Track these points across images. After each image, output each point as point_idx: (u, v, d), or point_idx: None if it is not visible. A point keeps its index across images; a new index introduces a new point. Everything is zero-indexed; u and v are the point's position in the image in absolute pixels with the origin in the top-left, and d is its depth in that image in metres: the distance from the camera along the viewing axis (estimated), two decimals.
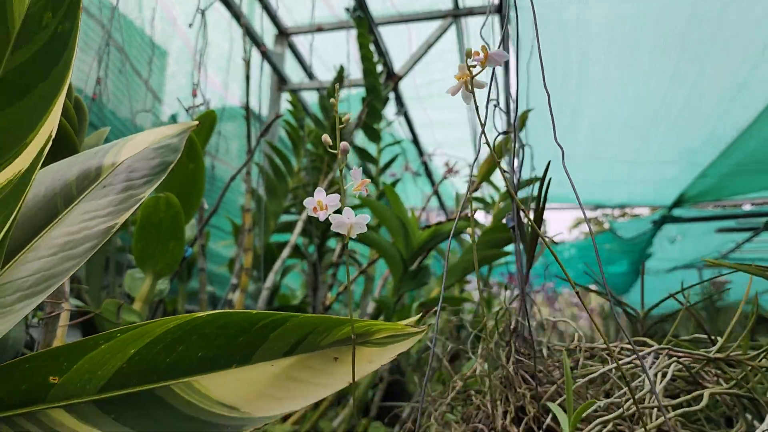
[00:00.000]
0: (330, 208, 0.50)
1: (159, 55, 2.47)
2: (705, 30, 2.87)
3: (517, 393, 0.73)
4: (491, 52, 0.47)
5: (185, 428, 0.50)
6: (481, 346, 0.82)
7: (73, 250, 0.54)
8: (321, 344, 0.56)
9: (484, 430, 0.73)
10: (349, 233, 0.50)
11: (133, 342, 0.48)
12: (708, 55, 3.01)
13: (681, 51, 2.98)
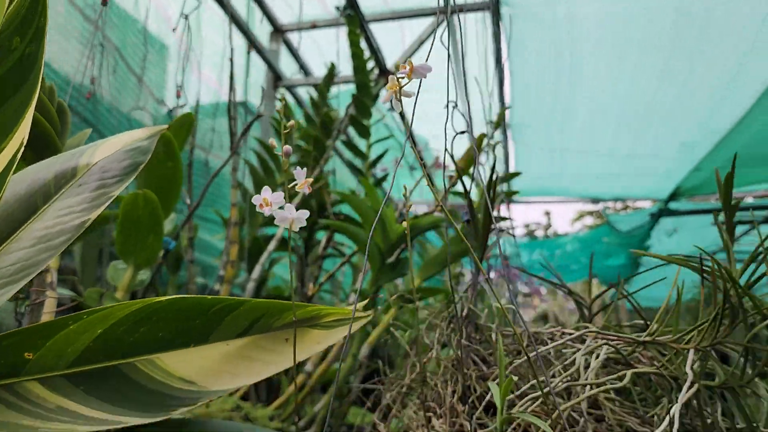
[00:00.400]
0: (275, 204, 0.56)
1: (160, 50, 2.53)
2: (693, 27, 2.92)
3: (465, 374, 0.79)
4: (416, 65, 0.53)
5: (148, 400, 0.56)
6: (437, 332, 0.89)
7: (50, 242, 0.60)
8: (273, 326, 0.62)
9: (435, 408, 0.79)
10: (292, 226, 0.56)
11: (99, 323, 0.55)
12: (697, 51, 3.06)
13: (670, 48, 3.03)
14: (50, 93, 0.76)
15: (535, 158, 4.44)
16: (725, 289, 0.70)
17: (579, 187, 5.05)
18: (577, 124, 3.92)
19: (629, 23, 2.92)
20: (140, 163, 0.67)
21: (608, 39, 3.06)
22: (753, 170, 4.57)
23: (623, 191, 5.13)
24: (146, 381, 0.56)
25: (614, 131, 3.99)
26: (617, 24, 2.93)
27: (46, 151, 0.75)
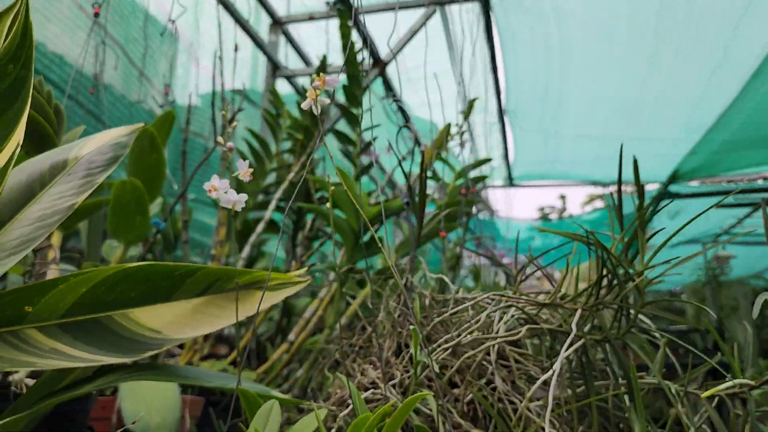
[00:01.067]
0: (221, 190, 0.70)
1: (170, 40, 2.67)
2: (678, 13, 3.01)
3: (400, 333, 0.93)
4: (327, 77, 0.67)
5: (123, 344, 0.71)
6: (383, 300, 1.03)
7: (45, 221, 0.75)
8: (226, 288, 0.77)
9: (375, 361, 0.94)
10: (234, 207, 0.70)
11: (83, 284, 0.69)
12: (682, 39, 3.15)
13: (655, 37, 3.12)
14: (48, 97, 0.91)
15: (532, 143, 4.55)
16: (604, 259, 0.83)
17: (578, 170, 5.14)
18: (570, 110, 4.02)
19: (614, 12, 3.01)
20: (120, 156, 0.82)
21: (594, 29, 3.16)
22: (748, 153, 4.64)
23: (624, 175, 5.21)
24: (121, 330, 0.71)
25: (606, 116, 4.09)
26: (602, 14, 3.02)
27: (45, 146, 0.89)
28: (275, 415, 0.65)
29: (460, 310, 0.88)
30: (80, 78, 1.85)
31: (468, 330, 0.83)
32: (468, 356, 0.79)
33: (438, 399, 0.77)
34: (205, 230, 2.30)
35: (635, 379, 0.74)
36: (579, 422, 0.83)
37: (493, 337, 0.81)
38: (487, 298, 0.91)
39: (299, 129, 2.12)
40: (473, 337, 0.81)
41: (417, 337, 0.76)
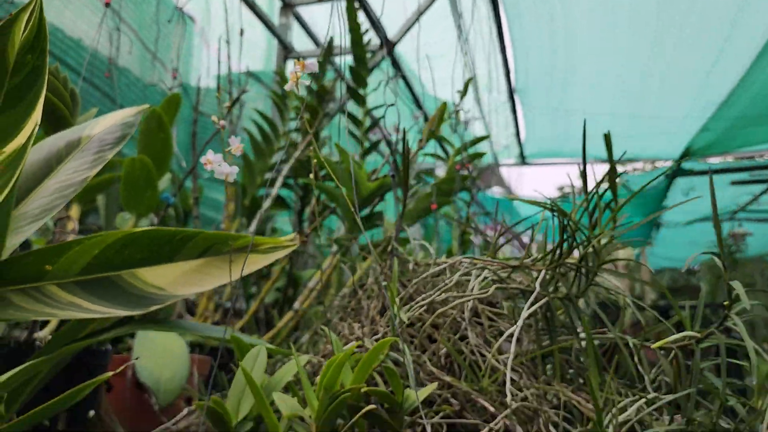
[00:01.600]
0: (215, 163, 0.79)
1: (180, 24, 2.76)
2: None
3: (384, 295, 1.02)
4: (306, 62, 0.76)
5: (131, 299, 0.81)
6: (372, 266, 1.12)
7: (62, 192, 0.85)
8: (222, 251, 0.86)
9: (362, 319, 1.03)
10: (227, 178, 0.79)
11: (95, 246, 0.79)
12: (689, 12, 3.17)
13: (658, 12, 3.14)
14: (64, 82, 1.00)
15: (542, 121, 4.59)
16: (564, 225, 0.91)
17: (589, 148, 5.16)
18: (578, 88, 4.05)
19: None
20: (128, 134, 0.91)
21: (599, 8, 3.19)
22: (761, 129, 4.64)
23: (634, 152, 5.23)
24: (129, 287, 0.81)
25: (614, 94, 4.12)
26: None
27: (61, 127, 0.99)
28: (262, 358, 0.75)
29: (438, 272, 0.97)
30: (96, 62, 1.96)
31: (443, 289, 0.91)
32: (441, 312, 0.88)
33: (408, 345, 0.86)
34: (217, 207, 2.41)
35: (587, 329, 0.82)
36: (543, 371, 0.91)
37: (465, 295, 0.89)
38: (464, 262, 1.00)
39: (307, 109, 2.21)
40: (447, 296, 0.90)
41: (394, 292, 0.85)
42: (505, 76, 4.03)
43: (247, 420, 0.69)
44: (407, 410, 0.72)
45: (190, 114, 2.20)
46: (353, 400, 0.70)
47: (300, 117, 2.22)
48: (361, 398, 0.72)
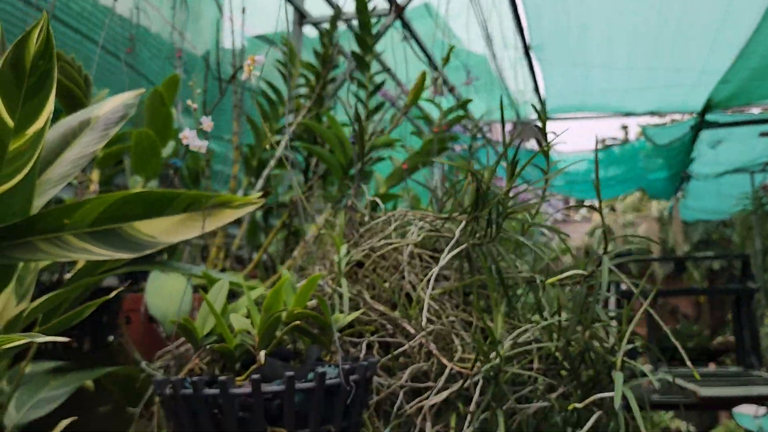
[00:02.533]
0: (190, 138, 1.01)
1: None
2: None
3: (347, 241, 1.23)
4: (256, 57, 0.96)
5: (129, 245, 1.04)
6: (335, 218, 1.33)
7: (76, 163, 1.08)
8: (202, 206, 1.08)
9: (326, 263, 1.25)
10: (200, 150, 1.01)
11: (102, 203, 1.02)
12: None
13: None
14: (78, 70, 1.22)
15: (560, 77, 4.67)
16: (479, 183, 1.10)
17: (611, 102, 5.23)
18: (593, 42, 4.12)
19: None
20: (129, 114, 1.13)
21: None
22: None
23: (655, 105, 5.27)
24: (128, 236, 1.04)
25: (629, 47, 4.17)
26: None
27: (77, 107, 1.21)
28: (224, 289, 0.97)
29: (380, 223, 1.18)
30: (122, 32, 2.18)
31: (383, 236, 1.12)
32: (380, 254, 1.09)
33: (357, 282, 1.08)
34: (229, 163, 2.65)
35: (488, 270, 1.02)
36: (464, 303, 1.12)
37: (399, 241, 1.10)
38: (407, 214, 1.20)
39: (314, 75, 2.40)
40: (386, 242, 1.10)
41: (340, 240, 1.06)
42: (518, 33, 4.12)
43: (211, 335, 0.92)
44: (336, 329, 0.94)
45: (211, 81, 2.43)
46: (293, 320, 0.92)
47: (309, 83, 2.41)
48: (301, 319, 0.94)
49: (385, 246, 1.12)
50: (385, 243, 1.10)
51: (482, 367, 0.92)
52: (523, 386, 1.03)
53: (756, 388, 3.76)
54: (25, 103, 0.88)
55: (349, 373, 0.83)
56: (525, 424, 1.01)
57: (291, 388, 0.77)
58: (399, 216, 1.19)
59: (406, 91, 2.98)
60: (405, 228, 1.20)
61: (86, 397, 1.39)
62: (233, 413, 0.77)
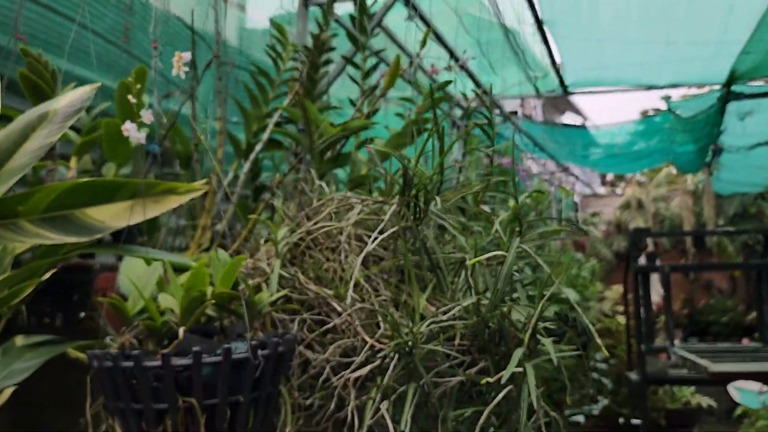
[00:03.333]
0: (131, 130, 1.08)
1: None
2: None
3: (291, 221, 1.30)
4: (183, 54, 1.02)
5: (80, 230, 1.12)
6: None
7: (34, 153, 1.17)
8: (148, 193, 1.16)
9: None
10: (139, 141, 1.08)
11: (53, 192, 1.11)
12: None
13: None
14: (45, 65, 1.31)
15: (576, 51, 4.61)
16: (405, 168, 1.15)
17: (630, 76, 5.14)
18: (605, 16, 4.06)
19: None
20: (84, 107, 1.21)
21: None
22: None
23: (675, 78, 5.16)
24: (79, 222, 1.12)
25: (642, 20, 4.10)
26: None
27: (44, 100, 1.30)
28: (159, 270, 1.05)
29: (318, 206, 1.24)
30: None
31: (319, 218, 1.18)
32: (315, 236, 1.16)
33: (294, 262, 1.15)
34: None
35: (405, 249, 1.08)
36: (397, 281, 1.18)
37: (334, 225, 1.16)
38: (350, 198, 1.26)
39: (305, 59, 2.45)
40: (321, 225, 1.17)
41: (278, 228, 1.13)
42: (530, 8, 4.08)
43: (143, 312, 1.00)
44: (261, 307, 1.01)
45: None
46: (217, 299, 1.00)
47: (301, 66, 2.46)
48: (226, 298, 1.01)
49: (320, 229, 1.18)
50: (321, 226, 1.17)
51: (395, 343, 0.99)
52: (447, 361, 1.09)
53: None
54: None
55: (260, 347, 0.90)
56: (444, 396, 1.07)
57: (198, 361, 0.85)
58: (340, 200, 1.25)
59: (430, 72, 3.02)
60: (349, 211, 1.26)
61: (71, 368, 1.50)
62: (147, 384, 0.85)
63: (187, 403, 0.86)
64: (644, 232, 4.93)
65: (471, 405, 1.08)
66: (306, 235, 1.20)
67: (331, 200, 1.30)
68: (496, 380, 1.00)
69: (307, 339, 1.10)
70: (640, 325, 4.49)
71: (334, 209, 1.27)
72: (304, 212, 1.25)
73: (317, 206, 1.30)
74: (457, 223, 1.19)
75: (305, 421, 1.09)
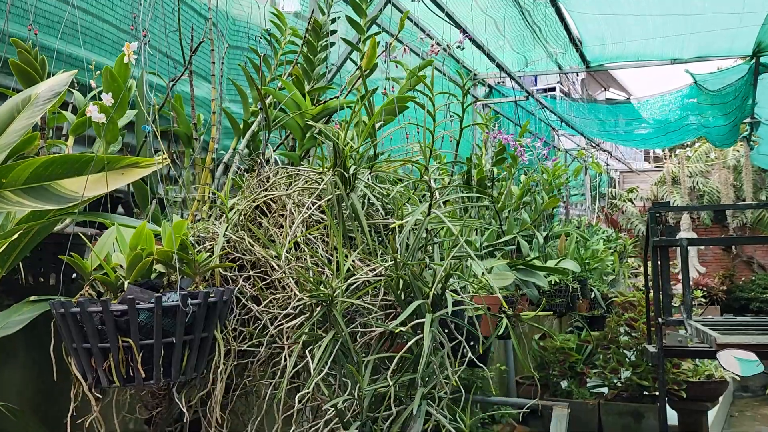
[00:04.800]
0: (93, 111, 1.24)
1: None
2: None
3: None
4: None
5: (55, 199, 1.29)
6: None
7: (18, 132, 1.34)
8: (116, 167, 1.32)
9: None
10: (101, 121, 1.24)
11: (31, 165, 1.27)
12: None
13: None
14: (35, 55, 1.48)
15: (593, 28, 4.59)
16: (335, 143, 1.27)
17: (651, 50, 5.09)
18: None
19: None
20: (61, 92, 1.38)
21: None
22: None
23: (700, 51, 5.09)
24: (55, 192, 1.29)
25: None
26: None
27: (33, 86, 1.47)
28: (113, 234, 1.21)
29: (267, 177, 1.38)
30: None
31: (266, 187, 1.32)
32: (260, 202, 1.30)
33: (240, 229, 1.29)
34: None
35: (340, 213, 1.21)
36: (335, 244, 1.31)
37: (275, 193, 1.30)
38: (297, 169, 1.40)
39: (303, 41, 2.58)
40: (265, 194, 1.31)
41: (223, 197, 1.27)
42: None
43: (101, 269, 1.16)
44: (203, 265, 1.16)
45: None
46: (164, 257, 1.15)
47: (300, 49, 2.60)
48: (170, 256, 1.16)
49: (266, 197, 1.32)
50: (265, 195, 1.31)
51: (311, 295, 1.12)
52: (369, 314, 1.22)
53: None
54: None
55: (191, 297, 1.05)
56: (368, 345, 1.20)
57: (132, 306, 1.00)
58: (290, 172, 1.39)
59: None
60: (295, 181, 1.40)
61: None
62: (92, 326, 1.01)
63: (126, 343, 1.02)
64: (663, 205, 4.90)
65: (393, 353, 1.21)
66: (254, 203, 1.34)
67: (285, 173, 1.44)
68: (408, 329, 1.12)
69: (248, 293, 1.25)
70: (659, 298, 4.52)
71: (285, 181, 1.41)
72: (259, 182, 1.39)
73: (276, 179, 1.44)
74: (386, 191, 1.31)
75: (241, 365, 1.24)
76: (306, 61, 2.50)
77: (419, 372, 1.07)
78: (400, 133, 2.54)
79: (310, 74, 2.45)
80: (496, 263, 2.51)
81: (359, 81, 2.13)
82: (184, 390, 1.32)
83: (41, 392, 1.86)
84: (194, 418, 1.31)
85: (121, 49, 2.63)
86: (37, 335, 1.52)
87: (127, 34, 2.60)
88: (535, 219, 2.96)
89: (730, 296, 8.87)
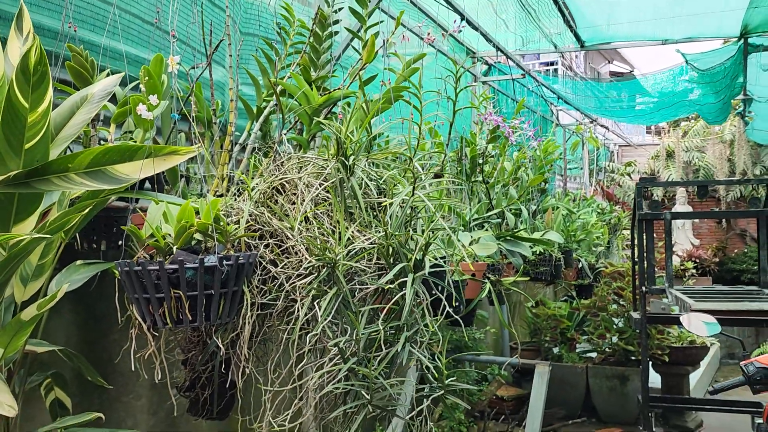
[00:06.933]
0: (142, 111, 1.53)
1: None
2: None
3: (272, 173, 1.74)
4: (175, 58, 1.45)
5: (111, 180, 1.59)
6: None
7: (80, 124, 1.63)
8: (159, 154, 1.62)
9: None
10: (147, 117, 1.53)
11: (91, 153, 1.57)
12: None
13: None
14: (86, 57, 1.77)
15: (586, 10, 4.81)
16: (337, 135, 1.56)
17: (642, 31, 5.31)
18: None
19: None
20: (112, 92, 1.67)
21: None
22: None
23: (690, 32, 5.31)
24: (111, 175, 1.59)
25: None
26: None
27: (86, 84, 1.76)
28: (164, 207, 1.51)
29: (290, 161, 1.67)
30: None
31: (283, 170, 1.62)
32: (279, 183, 1.59)
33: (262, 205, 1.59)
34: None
35: (342, 193, 1.50)
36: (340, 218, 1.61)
37: (287, 176, 1.60)
38: (305, 156, 1.69)
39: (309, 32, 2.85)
40: (281, 177, 1.60)
41: (247, 179, 1.57)
42: None
43: (153, 236, 1.47)
44: (232, 234, 1.46)
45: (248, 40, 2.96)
46: (202, 228, 1.45)
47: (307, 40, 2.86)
48: (207, 227, 1.46)
49: (282, 179, 1.62)
50: (281, 178, 1.60)
51: (317, 258, 1.42)
52: (365, 274, 1.52)
53: (748, 304, 4.03)
54: (33, 92, 1.44)
55: (225, 260, 1.35)
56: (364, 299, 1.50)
57: (182, 266, 1.30)
58: (299, 158, 1.68)
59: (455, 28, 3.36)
60: (305, 167, 1.69)
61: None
62: (150, 281, 1.32)
63: (177, 294, 1.32)
64: (649, 180, 5.17)
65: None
66: (272, 185, 1.63)
67: (297, 159, 1.73)
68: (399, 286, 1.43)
69: (267, 257, 1.56)
70: (644, 268, 4.82)
71: (297, 165, 1.70)
72: (276, 166, 1.68)
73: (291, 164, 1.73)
74: (380, 175, 1.60)
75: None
76: (312, 51, 2.76)
77: (403, 319, 1.37)
78: (396, 114, 2.82)
79: (316, 63, 2.73)
80: (484, 234, 2.80)
81: (362, 70, 2.41)
82: (218, 332, 1.63)
83: (84, 341, 2.19)
84: (224, 358, 1.63)
85: (146, 40, 2.92)
86: (79, 292, 1.84)
87: (150, 26, 2.87)
88: (521, 194, 3.24)
89: (722, 268, 9.16)
